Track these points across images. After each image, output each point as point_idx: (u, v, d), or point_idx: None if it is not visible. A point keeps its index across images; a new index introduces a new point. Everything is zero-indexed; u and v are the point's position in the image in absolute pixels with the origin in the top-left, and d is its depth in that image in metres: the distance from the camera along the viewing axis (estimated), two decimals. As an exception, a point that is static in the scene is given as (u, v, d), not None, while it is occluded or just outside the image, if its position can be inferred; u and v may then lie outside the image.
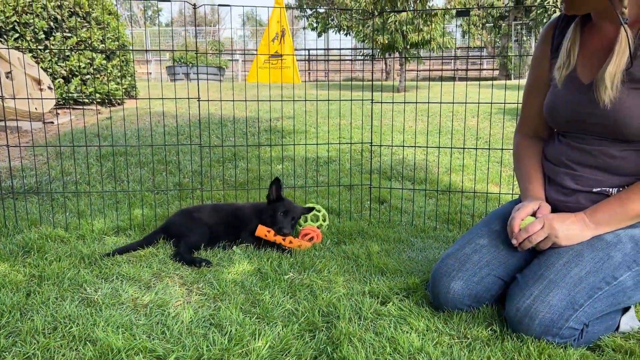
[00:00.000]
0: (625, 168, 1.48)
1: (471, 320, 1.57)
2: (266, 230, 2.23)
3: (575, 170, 1.57)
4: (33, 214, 2.63)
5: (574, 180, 1.56)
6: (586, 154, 1.54)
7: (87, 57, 6.48)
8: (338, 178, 3.59)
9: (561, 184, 1.60)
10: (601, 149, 1.51)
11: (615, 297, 1.44)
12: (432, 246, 2.35)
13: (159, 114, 5.70)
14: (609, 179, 1.51)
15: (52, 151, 4.15)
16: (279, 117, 5.88)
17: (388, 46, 10.47)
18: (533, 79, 1.77)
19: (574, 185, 1.56)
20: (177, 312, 1.63)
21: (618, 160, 1.48)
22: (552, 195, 1.63)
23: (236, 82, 13.62)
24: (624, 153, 1.47)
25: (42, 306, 1.64)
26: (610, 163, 1.50)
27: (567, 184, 1.58)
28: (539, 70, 1.73)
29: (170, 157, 4.05)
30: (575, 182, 1.56)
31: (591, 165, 1.53)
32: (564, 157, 1.61)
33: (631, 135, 1.43)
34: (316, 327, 1.55)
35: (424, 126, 5.72)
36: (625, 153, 1.47)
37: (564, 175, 1.59)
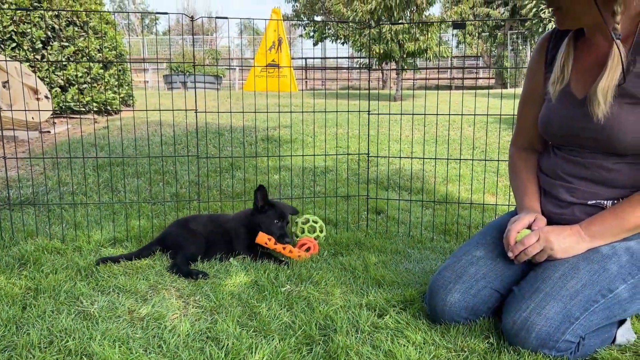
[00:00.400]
0: (619, 181, 1.49)
1: (468, 333, 1.57)
2: (267, 238, 2.22)
3: (570, 183, 1.58)
4: (29, 226, 2.63)
5: (569, 192, 1.57)
6: (581, 166, 1.55)
7: (85, 66, 6.49)
8: (335, 188, 3.59)
9: (556, 197, 1.61)
10: (595, 162, 1.52)
11: (611, 310, 1.44)
12: (429, 257, 2.36)
13: (156, 123, 5.71)
14: (604, 192, 1.52)
15: (48, 161, 4.14)
16: (275, 127, 5.89)
17: (384, 55, 10.52)
18: (528, 91, 1.78)
19: (569, 198, 1.57)
20: (174, 325, 1.62)
21: (612, 173, 1.49)
22: (547, 207, 1.64)
23: (233, 90, 13.65)
24: (617, 166, 1.48)
25: (38, 320, 1.63)
26: (605, 176, 1.51)
27: (562, 197, 1.59)
28: (533, 83, 1.75)
29: (167, 167, 4.05)
30: (570, 194, 1.57)
31: (586, 178, 1.54)
32: (559, 170, 1.62)
33: (624, 150, 1.45)
34: (313, 341, 1.55)
35: (420, 135, 5.74)
36: (619, 166, 1.48)
37: (559, 188, 1.60)
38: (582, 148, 1.55)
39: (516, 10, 18.73)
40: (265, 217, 2.30)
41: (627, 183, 1.48)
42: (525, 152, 1.82)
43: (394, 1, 9.77)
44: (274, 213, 2.30)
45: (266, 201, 2.32)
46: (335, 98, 2.93)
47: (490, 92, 10.74)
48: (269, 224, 2.29)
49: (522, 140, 1.84)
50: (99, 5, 7.03)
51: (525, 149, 1.82)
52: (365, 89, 13.32)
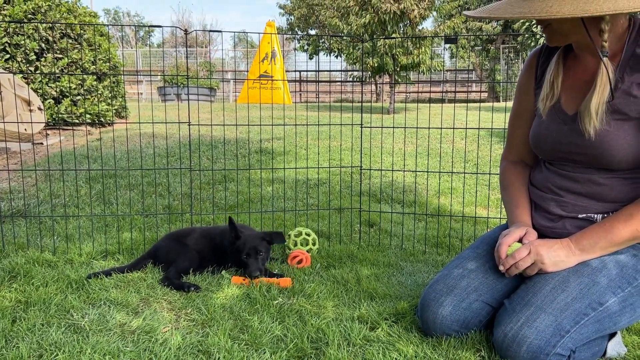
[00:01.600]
0: (609, 195, 1.51)
1: (460, 346, 1.58)
2: (242, 279, 2.14)
3: (561, 197, 1.59)
4: (20, 238, 2.61)
5: (559, 206, 1.59)
6: (572, 181, 1.57)
7: (78, 78, 6.49)
8: (328, 201, 3.60)
9: (547, 210, 1.62)
10: (586, 177, 1.53)
11: (601, 323, 1.45)
12: (422, 270, 2.36)
13: (149, 135, 5.70)
14: (594, 206, 1.53)
15: (40, 173, 4.13)
16: (269, 139, 5.90)
17: (378, 68, 10.59)
18: (518, 108, 1.80)
19: (559, 212, 1.58)
20: (165, 339, 1.62)
21: (603, 188, 1.51)
22: (538, 221, 1.65)
23: (227, 102, 13.68)
24: (608, 180, 1.50)
25: (28, 333, 1.62)
26: (596, 190, 1.52)
27: (553, 210, 1.60)
28: (523, 99, 1.77)
29: (160, 179, 4.04)
30: (561, 208, 1.58)
31: (576, 192, 1.56)
32: (549, 184, 1.63)
33: (616, 165, 1.46)
34: (305, 354, 1.54)
35: (413, 148, 5.76)
36: (610, 180, 1.50)
37: (549, 202, 1.62)
38: (574, 163, 1.56)
39: (508, 25, 18.95)
40: (235, 249, 2.21)
41: (617, 197, 1.50)
42: (516, 166, 1.84)
43: (388, 16, 9.86)
44: (241, 246, 2.19)
45: (235, 233, 2.22)
46: (329, 111, 2.95)
47: (482, 105, 10.82)
48: (237, 257, 2.21)
49: (513, 155, 1.86)
50: (94, 18, 7.06)
51: (516, 163, 1.84)
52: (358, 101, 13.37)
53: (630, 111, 1.42)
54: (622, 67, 1.44)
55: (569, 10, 1.25)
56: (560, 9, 1.26)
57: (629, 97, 1.42)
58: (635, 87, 1.41)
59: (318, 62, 16.57)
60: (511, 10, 1.35)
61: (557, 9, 1.26)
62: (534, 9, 1.30)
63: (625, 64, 1.44)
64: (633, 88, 1.41)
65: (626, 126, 1.43)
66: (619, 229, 1.45)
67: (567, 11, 1.25)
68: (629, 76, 1.42)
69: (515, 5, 1.35)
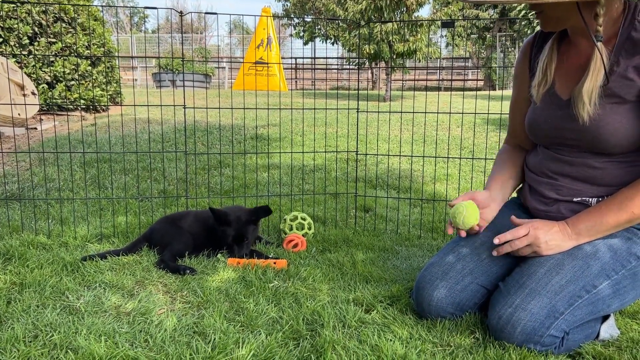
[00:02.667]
0: (605, 179, 1.51)
1: (454, 328, 1.59)
2: (237, 261, 2.15)
3: (556, 181, 1.60)
4: (15, 221, 2.60)
5: (554, 190, 1.59)
6: (567, 165, 1.57)
7: (72, 63, 6.43)
8: (324, 186, 3.60)
9: (542, 194, 1.63)
10: (581, 161, 1.54)
11: (595, 305, 1.46)
12: (417, 254, 2.37)
13: (144, 120, 5.67)
14: (589, 189, 1.54)
15: (35, 157, 4.10)
16: (265, 125, 5.88)
17: (374, 55, 10.54)
18: (516, 96, 1.81)
19: (554, 195, 1.59)
20: (161, 320, 1.62)
21: (598, 172, 1.51)
22: (533, 204, 1.66)
23: (222, 89, 13.61)
24: (604, 164, 1.50)
25: (22, 314, 1.62)
26: (591, 174, 1.53)
27: (548, 194, 1.61)
28: (520, 88, 1.77)
29: (155, 164, 4.03)
30: (556, 192, 1.59)
31: (571, 176, 1.56)
32: (544, 168, 1.64)
33: (611, 149, 1.47)
34: (300, 335, 1.55)
35: (409, 135, 5.76)
36: (605, 164, 1.50)
37: (545, 185, 1.62)
38: (569, 148, 1.57)
39: (505, 13, 18.88)
40: (222, 232, 2.22)
41: (612, 181, 1.50)
42: (512, 149, 1.87)
43: (384, 2, 9.80)
44: (228, 231, 2.20)
45: (219, 221, 2.21)
46: (325, 98, 2.94)
47: (479, 93, 10.81)
48: (224, 241, 2.22)
49: (512, 141, 1.89)
50: (87, 1, 6.98)
51: (515, 147, 1.87)
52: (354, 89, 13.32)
53: (626, 94, 1.42)
54: (617, 50, 1.43)
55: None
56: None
57: (625, 80, 1.42)
58: (631, 70, 1.41)
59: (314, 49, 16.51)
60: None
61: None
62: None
63: (620, 47, 1.43)
64: (629, 71, 1.41)
65: (621, 109, 1.43)
66: (615, 212, 1.46)
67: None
68: (625, 59, 1.42)
69: None
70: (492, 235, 1.68)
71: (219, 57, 13.88)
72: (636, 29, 1.41)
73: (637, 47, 1.40)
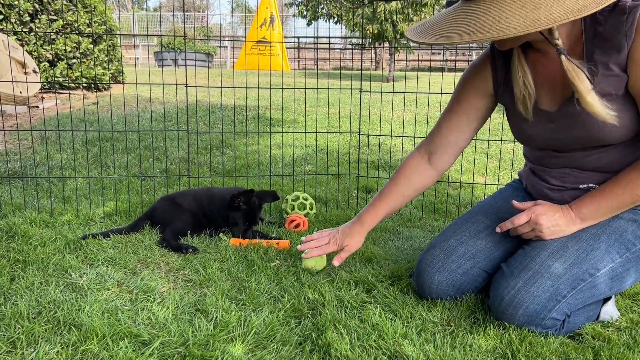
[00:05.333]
0: (608, 165, 1.47)
1: (455, 309, 1.59)
2: (239, 241, 2.15)
3: (559, 170, 1.57)
4: (17, 199, 2.61)
5: (559, 179, 1.57)
6: (567, 159, 1.54)
7: (74, 41, 6.39)
8: (326, 167, 3.59)
9: (547, 181, 1.61)
10: (581, 154, 1.49)
11: (597, 288, 1.46)
12: (418, 235, 2.37)
13: (146, 99, 5.65)
14: (595, 176, 1.50)
15: (37, 136, 4.10)
16: (267, 106, 5.86)
17: (378, 35, 10.44)
18: (458, 104, 1.70)
19: (559, 183, 1.57)
20: (163, 298, 1.63)
21: (600, 161, 1.48)
22: (538, 188, 1.64)
23: (224, 69, 13.53)
24: (605, 154, 1.46)
25: (26, 291, 1.63)
26: (594, 164, 1.49)
27: (552, 182, 1.59)
28: (470, 98, 1.68)
29: (157, 143, 4.02)
30: (561, 180, 1.56)
31: (574, 167, 1.54)
32: (546, 162, 1.61)
33: (613, 142, 1.44)
34: (302, 314, 1.56)
35: (412, 116, 5.73)
36: (607, 153, 1.46)
37: (549, 175, 1.60)
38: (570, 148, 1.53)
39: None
40: (234, 216, 2.21)
41: (616, 167, 1.46)
42: (420, 162, 1.77)
43: (389, -20, 9.67)
44: (243, 215, 2.20)
45: (246, 203, 2.20)
46: (328, 78, 2.91)
47: (483, 74, 10.72)
48: (234, 224, 2.22)
49: (429, 147, 1.77)
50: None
51: (425, 158, 1.77)
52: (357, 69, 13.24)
53: (616, 90, 1.36)
54: (588, 50, 1.38)
55: (520, 25, 1.13)
56: (509, 23, 1.15)
57: (611, 77, 1.36)
58: (613, 65, 1.34)
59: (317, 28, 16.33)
60: (456, 31, 1.23)
61: (506, 23, 1.15)
62: (481, 26, 1.18)
63: (591, 46, 1.37)
64: (611, 67, 1.35)
65: (616, 105, 1.37)
66: (618, 195, 1.44)
67: (518, 26, 1.13)
68: (601, 55, 1.35)
69: (460, 23, 1.24)
70: (495, 219, 1.68)
71: (220, 36, 13.76)
72: (600, 22, 1.34)
73: (608, 41, 1.33)
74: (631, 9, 1.29)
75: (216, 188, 2.47)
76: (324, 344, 1.38)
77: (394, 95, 3.28)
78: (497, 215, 1.69)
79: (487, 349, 1.38)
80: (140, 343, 1.37)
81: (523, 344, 1.38)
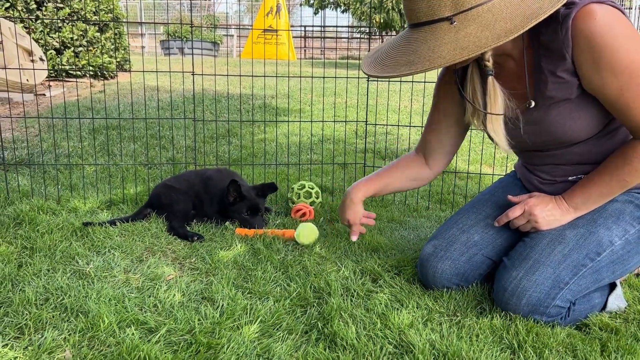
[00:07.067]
0: (593, 157, 1.47)
1: (461, 299, 1.59)
2: (245, 231, 2.16)
3: (547, 166, 1.58)
4: (24, 186, 2.62)
5: (548, 173, 1.58)
6: (550, 157, 1.55)
7: (80, 28, 6.38)
8: (332, 156, 3.58)
9: (538, 175, 1.62)
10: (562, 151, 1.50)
11: (599, 273, 1.46)
12: (425, 225, 2.37)
13: (152, 88, 5.65)
14: (581, 168, 1.51)
15: (44, 123, 4.11)
16: (273, 95, 5.84)
17: (385, 24, 10.38)
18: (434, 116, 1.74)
19: (549, 177, 1.58)
20: (169, 286, 1.63)
21: (583, 155, 1.48)
22: (532, 182, 1.64)
23: (231, 57, 13.49)
24: (585, 147, 1.46)
25: (34, 277, 1.64)
26: (578, 158, 1.49)
27: (543, 176, 1.60)
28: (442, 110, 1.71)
29: (164, 132, 4.02)
30: (550, 175, 1.57)
31: (560, 163, 1.54)
32: (531, 161, 1.63)
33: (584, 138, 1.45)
34: (308, 303, 1.56)
35: (419, 106, 5.70)
36: (587, 146, 1.46)
37: (539, 172, 1.61)
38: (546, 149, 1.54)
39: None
40: (235, 208, 2.23)
41: (600, 157, 1.46)
42: (416, 158, 1.82)
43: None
44: (242, 206, 2.22)
45: (239, 194, 2.22)
46: (335, 67, 2.90)
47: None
48: (238, 215, 2.24)
49: (424, 150, 1.81)
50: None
51: (419, 157, 1.82)
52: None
53: (569, 94, 1.38)
54: (536, 59, 1.39)
55: (450, 54, 1.21)
56: (440, 52, 1.23)
57: (560, 83, 1.37)
58: (560, 71, 1.36)
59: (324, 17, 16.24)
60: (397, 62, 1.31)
61: (438, 52, 1.23)
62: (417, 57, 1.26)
63: (538, 55, 1.39)
64: (558, 72, 1.36)
65: (573, 107, 1.39)
66: (607, 182, 1.42)
67: (447, 56, 1.22)
68: (547, 64, 1.37)
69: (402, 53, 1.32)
70: (495, 208, 1.69)
71: (227, 25, 13.71)
72: (541, 32, 1.35)
73: (551, 50, 1.35)
74: (564, 17, 1.30)
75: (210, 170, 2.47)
76: (330, 332, 1.38)
77: (401, 85, 3.26)
78: (497, 204, 1.71)
79: (493, 339, 1.38)
80: (147, 330, 1.38)
81: (530, 335, 1.38)
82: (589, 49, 1.27)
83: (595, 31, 1.26)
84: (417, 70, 1.24)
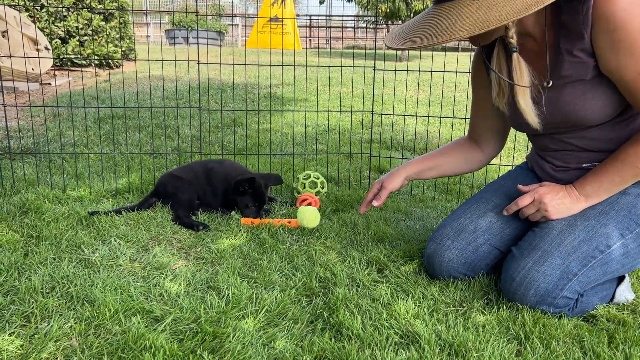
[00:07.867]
0: (607, 144, 1.46)
1: (467, 289, 1.58)
2: (251, 220, 2.16)
3: (560, 152, 1.56)
4: (30, 175, 2.62)
5: (562, 160, 1.56)
6: (564, 142, 1.53)
7: (85, 17, 6.36)
8: (338, 146, 3.57)
9: (551, 162, 1.60)
10: (576, 135, 1.49)
11: (608, 266, 1.44)
12: (430, 215, 2.35)
13: (157, 77, 5.64)
14: (595, 155, 1.49)
15: (49, 112, 4.11)
16: (278, 84, 5.82)
17: (391, 14, 10.30)
18: (475, 97, 1.79)
19: (563, 164, 1.56)
20: (175, 275, 1.63)
21: (596, 141, 1.47)
22: (545, 169, 1.62)
23: (236, 47, 13.45)
24: (599, 132, 1.46)
25: (40, 266, 1.64)
26: (591, 144, 1.48)
27: (556, 163, 1.58)
28: (478, 91, 1.75)
29: (169, 121, 4.01)
30: (564, 161, 1.56)
31: (573, 150, 1.52)
32: (545, 147, 1.62)
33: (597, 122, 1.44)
34: (313, 293, 1.56)
35: (425, 96, 5.67)
36: (602, 132, 1.45)
37: (552, 158, 1.59)
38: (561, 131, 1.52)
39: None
40: (242, 198, 2.21)
41: (614, 144, 1.45)
42: (466, 143, 1.86)
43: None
44: (250, 197, 2.20)
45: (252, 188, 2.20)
46: (340, 57, 2.88)
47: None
48: (244, 206, 2.22)
49: (471, 135, 1.85)
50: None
51: (470, 142, 1.85)
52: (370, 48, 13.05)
53: (584, 75, 1.37)
54: (556, 37, 1.39)
55: (471, 26, 1.22)
56: (461, 25, 1.23)
57: (576, 63, 1.37)
58: (578, 52, 1.35)
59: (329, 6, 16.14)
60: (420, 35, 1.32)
61: (459, 25, 1.24)
62: (440, 30, 1.27)
63: (558, 34, 1.38)
64: (576, 54, 1.35)
65: (588, 87, 1.38)
66: (619, 170, 1.41)
67: (469, 28, 1.22)
68: (566, 43, 1.37)
69: (425, 27, 1.33)
70: (504, 198, 1.68)
71: (233, 14, 13.65)
72: (562, 11, 1.35)
73: (570, 29, 1.34)
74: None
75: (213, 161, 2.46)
76: (335, 322, 1.38)
77: (407, 75, 3.24)
78: (506, 194, 1.69)
79: (499, 330, 1.37)
80: (153, 319, 1.38)
81: (536, 326, 1.37)
82: (608, 29, 1.27)
83: (617, 11, 1.24)
84: (437, 41, 1.26)
